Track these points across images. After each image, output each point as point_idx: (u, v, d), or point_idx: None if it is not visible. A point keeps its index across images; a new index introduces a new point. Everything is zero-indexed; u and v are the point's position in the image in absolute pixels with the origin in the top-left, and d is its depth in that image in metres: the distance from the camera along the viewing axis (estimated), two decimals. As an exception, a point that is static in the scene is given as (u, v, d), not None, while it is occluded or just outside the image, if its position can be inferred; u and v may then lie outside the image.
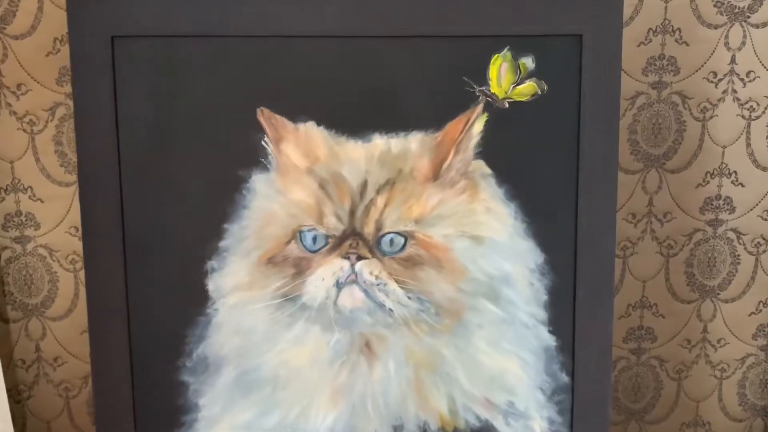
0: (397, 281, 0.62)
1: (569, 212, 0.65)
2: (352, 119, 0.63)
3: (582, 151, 0.64)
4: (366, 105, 0.63)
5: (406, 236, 0.63)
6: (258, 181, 0.64)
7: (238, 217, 0.64)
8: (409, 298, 0.63)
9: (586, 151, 0.63)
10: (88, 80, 0.61)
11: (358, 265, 0.63)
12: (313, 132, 0.64)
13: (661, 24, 0.72)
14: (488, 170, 0.65)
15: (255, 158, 0.64)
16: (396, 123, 0.64)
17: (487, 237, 0.64)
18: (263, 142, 0.64)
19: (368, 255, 0.62)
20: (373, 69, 0.63)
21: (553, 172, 0.64)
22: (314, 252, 0.63)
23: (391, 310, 0.62)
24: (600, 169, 0.63)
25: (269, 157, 0.64)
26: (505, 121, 0.64)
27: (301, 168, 0.64)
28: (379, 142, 0.64)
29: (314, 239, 0.63)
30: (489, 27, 0.62)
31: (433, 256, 0.63)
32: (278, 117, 0.63)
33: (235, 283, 0.64)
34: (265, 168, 0.64)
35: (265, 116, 0.63)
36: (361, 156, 0.64)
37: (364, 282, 0.62)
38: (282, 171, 0.64)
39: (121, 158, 0.62)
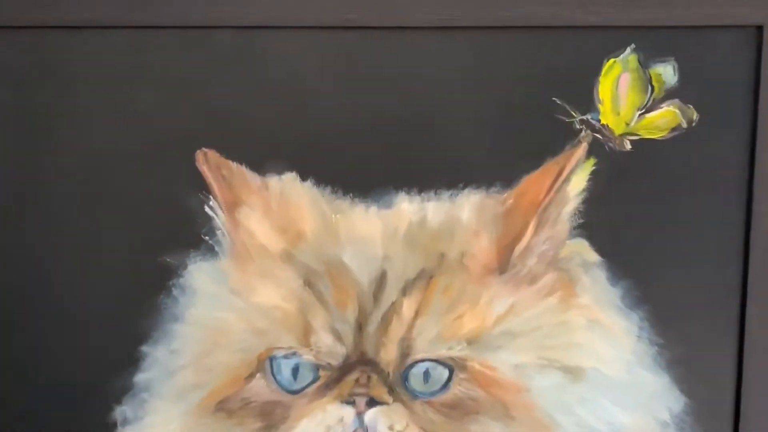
0: None
1: (730, 327, 0.53)
2: (361, 169, 0.53)
3: (756, 218, 0.52)
4: (385, 145, 0.53)
5: (452, 366, 0.50)
6: (198, 274, 0.53)
7: (164, 336, 0.53)
8: None
9: (764, 220, 0.52)
10: None
11: (371, 414, 0.50)
12: (294, 191, 0.52)
13: None
14: (595, 256, 0.53)
15: (193, 235, 0.53)
16: (435, 175, 0.52)
17: (591, 369, 0.51)
18: (207, 208, 0.52)
19: (386, 397, 0.50)
20: (398, 83, 0.52)
21: (706, 258, 0.53)
22: (296, 392, 0.51)
23: (419, 482, 0.50)
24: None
25: (218, 233, 0.53)
26: (626, 174, 0.53)
27: (273, 251, 0.52)
28: (407, 207, 0.52)
29: (295, 371, 0.51)
30: (601, 13, 0.51)
31: (497, 400, 0.51)
32: (233, 165, 0.52)
33: None
34: (210, 252, 0.53)
35: (210, 164, 0.52)
36: (377, 231, 0.52)
37: None
38: (240, 257, 0.52)
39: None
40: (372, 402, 0.49)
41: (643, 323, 0.52)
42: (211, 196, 0.52)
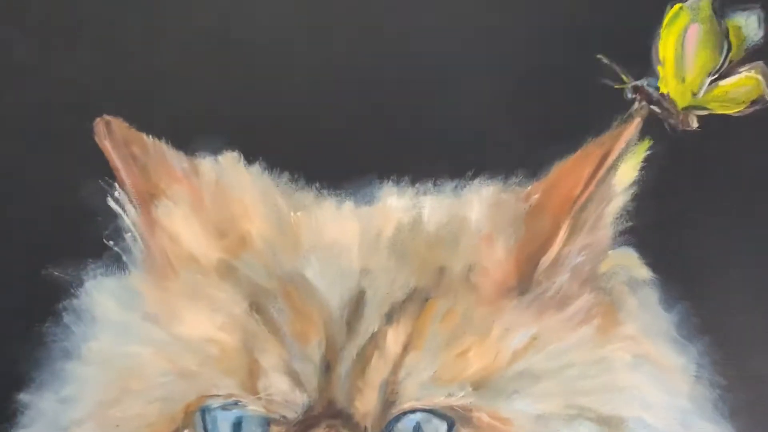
0: None
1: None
2: (332, 148, 0.51)
3: None
4: (367, 116, 0.50)
5: (452, 419, 0.44)
6: (99, 294, 0.48)
7: (52, 379, 0.47)
8: None
9: None
10: None
11: None
12: (236, 178, 0.48)
13: None
14: (645, 272, 0.48)
15: (91, 239, 0.48)
16: (434, 159, 0.50)
17: (634, 419, 0.45)
18: (110, 201, 0.47)
19: None
20: (387, 32, 0.51)
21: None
22: None
23: None
24: None
25: (126, 236, 0.47)
26: (691, 161, 0.50)
27: (205, 263, 0.46)
28: (395, 203, 0.48)
29: (237, 427, 0.44)
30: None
31: None
32: (148, 140, 0.47)
33: None
34: (115, 263, 0.48)
35: (115, 138, 0.46)
36: (353, 235, 0.46)
37: None
38: (159, 270, 0.47)
39: None
40: None
41: (703, 359, 0.48)
42: (116, 184, 0.46)
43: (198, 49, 0.51)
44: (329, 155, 0.50)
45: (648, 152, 0.47)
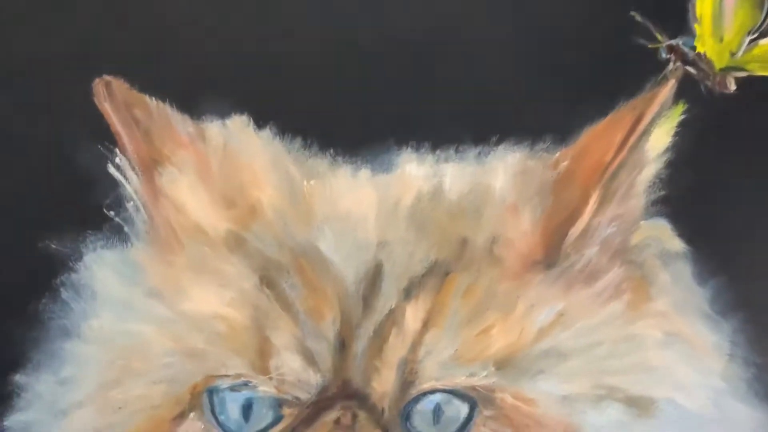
0: None
1: None
2: (348, 112, 0.50)
3: None
4: (384, 77, 0.50)
5: (474, 400, 0.43)
6: (100, 269, 0.46)
7: (50, 359, 0.46)
8: None
9: None
10: None
11: None
12: (246, 143, 0.46)
13: None
14: (678, 244, 0.47)
15: (91, 210, 0.46)
16: (457, 123, 0.48)
17: (665, 400, 0.44)
18: (111, 168, 0.46)
19: None
20: None
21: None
22: None
23: None
24: None
25: (128, 206, 0.46)
26: (728, 126, 0.49)
27: (213, 235, 0.45)
28: (415, 171, 0.47)
29: (247, 409, 0.43)
30: None
31: None
32: (152, 103, 0.46)
33: None
34: (117, 235, 0.47)
35: (116, 100, 0.45)
36: (370, 206, 0.45)
37: None
38: (163, 243, 0.46)
39: None
40: None
41: (738, 337, 0.47)
42: (117, 150, 0.45)
43: (205, 3, 0.50)
44: (345, 119, 0.49)
45: (683, 116, 0.46)
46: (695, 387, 0.45)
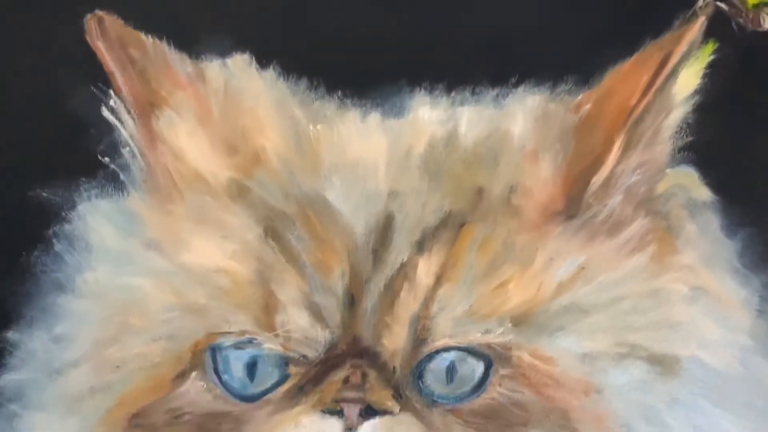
0: None
1: None
2: (357, 51, 0.49)
3: None
4: (395, 13, 0.48)
5: (490, 358, 0.42)
6: (95, 219, 0.45)
7: (44, 315, 0.45)
8: None
9: None
10: None
11: (366, 429, 0.42)
12: (248, 85, 0.45)
13: None
14: (706, 194, 0.46)
15: (84, 156, 0.46)
16: (473, 64, 0.48)
17: (689, 359, 0.43)
18: (105, 111, 0.45)
19: (391, 405, 0.42)
20: None
21: None
22: (253, 399, 0.43)
23: None
24: None
25: (124, 151, 0.45)
26: (761, 67, 0.48)
27: (214, 182, 0.44)
28: (428, 114, 0.46)
29: (252, 368, 0.43)
30: None
31: (554, 406, 0.43)
32: (148, 41, 0.45)
33: None
34: (112, 182, 0.46)
35: (110, 37, 0.44)
36: (381, 152, 0.44)
37: None
38: (162, 191, 0.45)
39: None
40: (369, 411, 0.42)
41: (767, 292, 0.47)
42: (112, 92, 0.44)
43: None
44: (353, 58, 0.48)
45: (713, 56, 0.45)
46: (721, 344, 0.44)
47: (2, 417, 0.46)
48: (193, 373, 0.43)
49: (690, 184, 0.47)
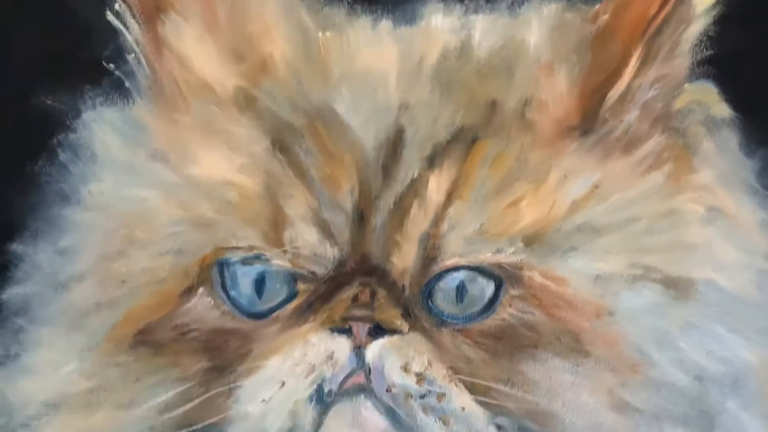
0: (470, 388, 0.43)
1: None
2: None
3: None
4: None
5: (501, 278, 0.42)
6: (100, 128, 0.45)
7: (48, 227, 0.45)
8: (499, 429, 0.43)
9: None
10: None
11: (375, 348, 0.42)
12: None
13: None
14: (725, 110, 0.45)
15: (89, 62, 0.45)
16: None
17: (705, 282, 0.43)
18: (110, 15, 0.44)
19: (400, 324, 0.42)
20: None
21: None
22: (260, 316, 0.43)
23: (451, 460, 0.49)
24: None
25: (130, 58, 0.44)
26: None
27: (221, 91, 0.44)
28: (441, 23, 0.45)
29: (260, 284, 0.43)
30: None
31: (565, 329, 0.43)
32: None
33: (50, 395, 0.45)
34: (117, 90, 0.45)
35: None
36: (391, 62, 0.43)
37: (389, 390, 0.42)
38: (168, 99, 0.44)
39: None
40: (377, 330, 0.42)
41: None
42: None
43: None
44: None
45: None
46: (738, 267, 0.44)
47: (8, 331, 0.45)
48: (201, 289, 0.43)
49: (709, 99, 0.46)
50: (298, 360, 0.42)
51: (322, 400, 0.42)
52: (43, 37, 0.48)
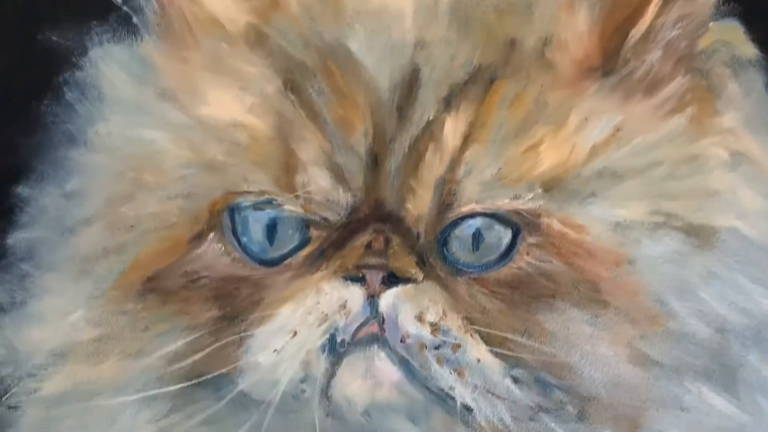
0: (485, 338, 0.42)
1: None
2: None
3: None
4: None
5: (518, 225, 0.42)
6: (107, 66, 0.44)
7: (54, 169, 0.44)
8: (515, 381, 0.42)
9: None
10: None
11: (389, 296, 0.41)
12: None
13: None
14: (751, 50, 0.44)
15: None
16: None
17: (727, 230, 0.43)
18: None
19: (414, 272, 0.41)
20: None
21: None
22: (272, 263, 0.42)
23: (468, 409, 0.42)
24: None
25: None
26: None
27: (231, 28, 0.43)
28: None
29: (271, 230, 0.42)
30: None
31: (583, 278, 0.42)
32: None
33: (57, 344, 0.44)
34: (125, 26, 0.44)
35: None
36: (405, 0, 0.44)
37: (402, 341, 0.41)
38: (176, 36, 0.43)
39: None
40: (391, 279, 0.41)
41: None
42: None
43: None
44: None
45: None
46: (762, 215, 0.44)
47: (13, 276, 0.45)
48: (211, 235, 0.42)
49: (734, 39, 0.45)
50: (310, 309, 0.42)
51: (335, 350, 0.42)
52: (47, -29, 0.47)
